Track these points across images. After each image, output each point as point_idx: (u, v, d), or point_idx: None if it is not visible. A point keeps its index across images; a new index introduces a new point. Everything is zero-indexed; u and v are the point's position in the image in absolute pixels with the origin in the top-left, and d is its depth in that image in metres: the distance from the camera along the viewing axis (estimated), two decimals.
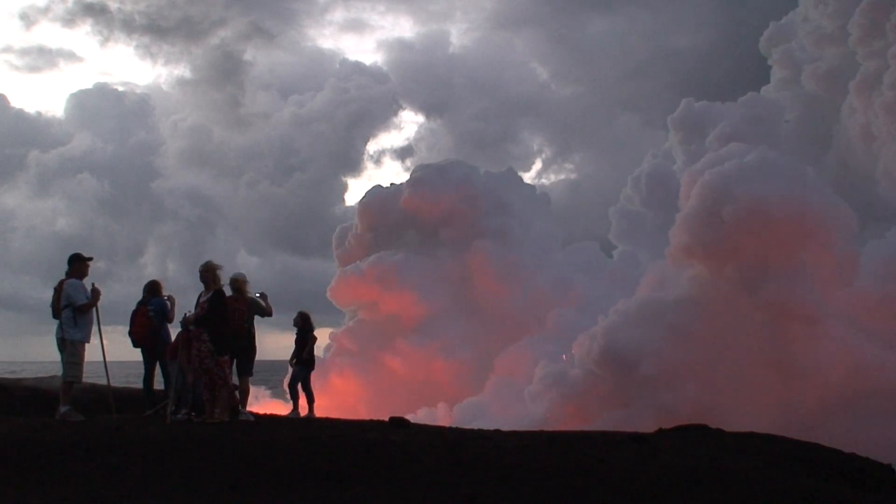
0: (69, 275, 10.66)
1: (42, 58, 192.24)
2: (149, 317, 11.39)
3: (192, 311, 10.51)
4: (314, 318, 13.44)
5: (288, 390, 13.58)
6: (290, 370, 13.52)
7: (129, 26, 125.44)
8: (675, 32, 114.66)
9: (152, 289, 11.71)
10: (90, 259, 10.84)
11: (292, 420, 12.01)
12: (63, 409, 10.48)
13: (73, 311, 10.42)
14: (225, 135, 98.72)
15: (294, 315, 13.43)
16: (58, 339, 10.54)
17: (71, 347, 10.49)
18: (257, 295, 11.60)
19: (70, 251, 11.00)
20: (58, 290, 10.60)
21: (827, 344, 20.27)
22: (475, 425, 13.41)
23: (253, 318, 11.44)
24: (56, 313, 10.56)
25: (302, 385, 13.09)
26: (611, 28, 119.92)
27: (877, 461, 10.87)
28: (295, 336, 13.34)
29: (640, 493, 7.31)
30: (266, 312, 11.57)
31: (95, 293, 10.66)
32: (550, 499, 7.08)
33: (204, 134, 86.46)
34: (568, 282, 29.19)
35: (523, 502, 6.98)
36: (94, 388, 13.05)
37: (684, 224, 21.93)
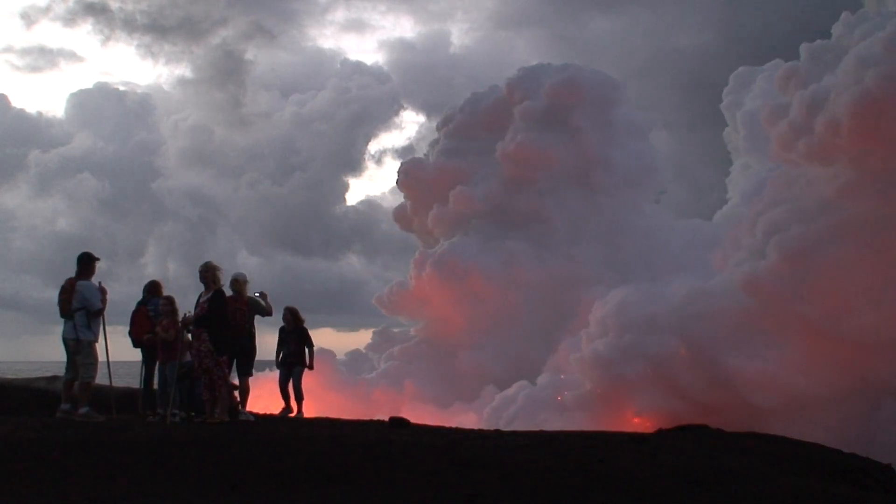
0: (81, 275, 10.63)
1: (43, 58, 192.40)
2: (149, 317, 11.39)
3: (192, 312, 10.53)
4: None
5: (280, 390, 12.84)
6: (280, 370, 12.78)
7: (130, 26, 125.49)
8: (678, 32, 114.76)
9: (152, 289, 11.72)
10: (97, 259, 10.86)
11: (293, 420, 12.01)
12: (83, 409, 10.48)
13: (88, 313, 10.45)
14: (226, 134, 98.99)
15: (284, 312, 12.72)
16: (68, 340, 10.52)
17: (87, 348, 10.56)
18: (257, 294, 11.59)
19: (70, 251, 11.13)
20: (68, 289, 10.54)
21: None
22: None
23: (253, 318, 11.44)
24: (65, 313, 10.52)
25: (294, 384, 12.51)
26: (613, 28, 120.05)
27: (877, 461, 10.89)
28: (283, 334, 12.68)
29: (640, 493, 7.30)
30: (266, 312, 11.59)
31: (103, 292, 10.69)
32: (550, 499, 7.08)
33: (205, 134, 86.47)
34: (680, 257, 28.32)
35: (523, 502, 6.98)
36: (94, 388, 13.04)
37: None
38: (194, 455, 7.88)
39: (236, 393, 11.15)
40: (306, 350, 12.64)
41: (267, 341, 12.77)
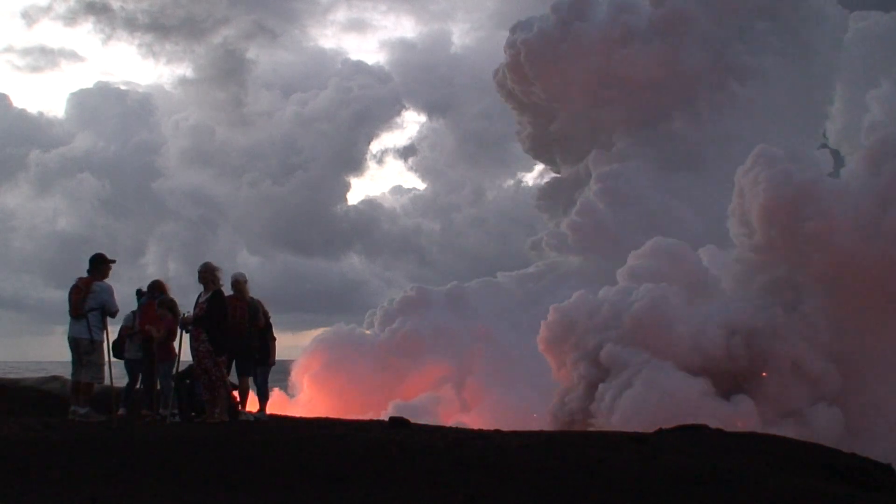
0: (94, 276, 10.61)
1: (44, 57, 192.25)
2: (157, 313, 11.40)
3: (191, 312, 10.53)
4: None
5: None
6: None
7: (131, 25, 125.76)
8: None
9: (153, 289, 11.72)
10: (113, 261, 10.85)
11: (292, 420, 11.98)
12: (83, 409, 10.47)
13: (103, 314, 10.50)
14: (227, 134, 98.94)
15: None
16: (79, 340, 10.47)
17: (99, 349, 10.59)
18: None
19: (71, 251, 11.25)
20: (81, 289, 10.51)
21: None
22: None
23: (253, 319, 11.39)
24: (78, 313, 10.46)
25: (260, 384, 11.79)
26: None
27: (877, 461, 10.88)
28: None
29: (640, 493, 7.31)
30: (259, 322, 11.29)
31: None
32: (550, 499, 7.08)
33: (206, 133, 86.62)
34: None
35: (523, 502, 6.98)
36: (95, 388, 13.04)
37: None
38: (194, 455, 7.88)
39: (236, 393, 11.14)
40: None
41: None
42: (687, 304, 23.33)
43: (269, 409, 11.84)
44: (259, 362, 11.62)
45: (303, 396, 29.89)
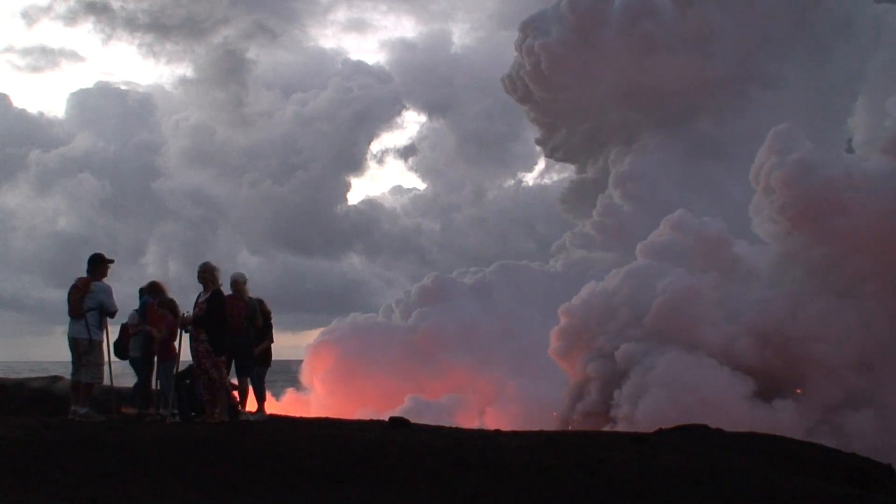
0: (93, 276, 10.61)
1: (44, 57, 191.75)
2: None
3: (191, 312, 10.53)
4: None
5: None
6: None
7: (131, 25, 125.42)
8: None
9: (152, 289, 11.71)
10: (112, 261, 10.84)
11: (291, 420, 11.98)
12: (83, 409, 10.46)
13: (101, 314, 10.49)
14: (227, 134, 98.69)
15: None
16: (78, 339, 10.45)
17: (98, 349, 10.58)
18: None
19: (71, 251, 11.27)
20: (80, 288, 10.51)
21: None
22: None
23: (252, 319, 11.37)
24: (76, 312, 10.45)
25: (257, 382, 11.52)
26: None
27: (877, 461, 10.89)
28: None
29: (640, 493, 7.31)
30: (256, 323, 11.25)
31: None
32: (550, 499, 7.08)
33: (206, 133, 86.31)
34: None
35: (523, 502, 6.98)
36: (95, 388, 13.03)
37: None
38: (194, 455, 7.88)
39: (236, 393, 11.14)
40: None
41: None
42: (716, 293, 21.93)
43: (280, 409, 11.81)
44: (257, 362, 11.54)
45: (315, 392, 29.46)
